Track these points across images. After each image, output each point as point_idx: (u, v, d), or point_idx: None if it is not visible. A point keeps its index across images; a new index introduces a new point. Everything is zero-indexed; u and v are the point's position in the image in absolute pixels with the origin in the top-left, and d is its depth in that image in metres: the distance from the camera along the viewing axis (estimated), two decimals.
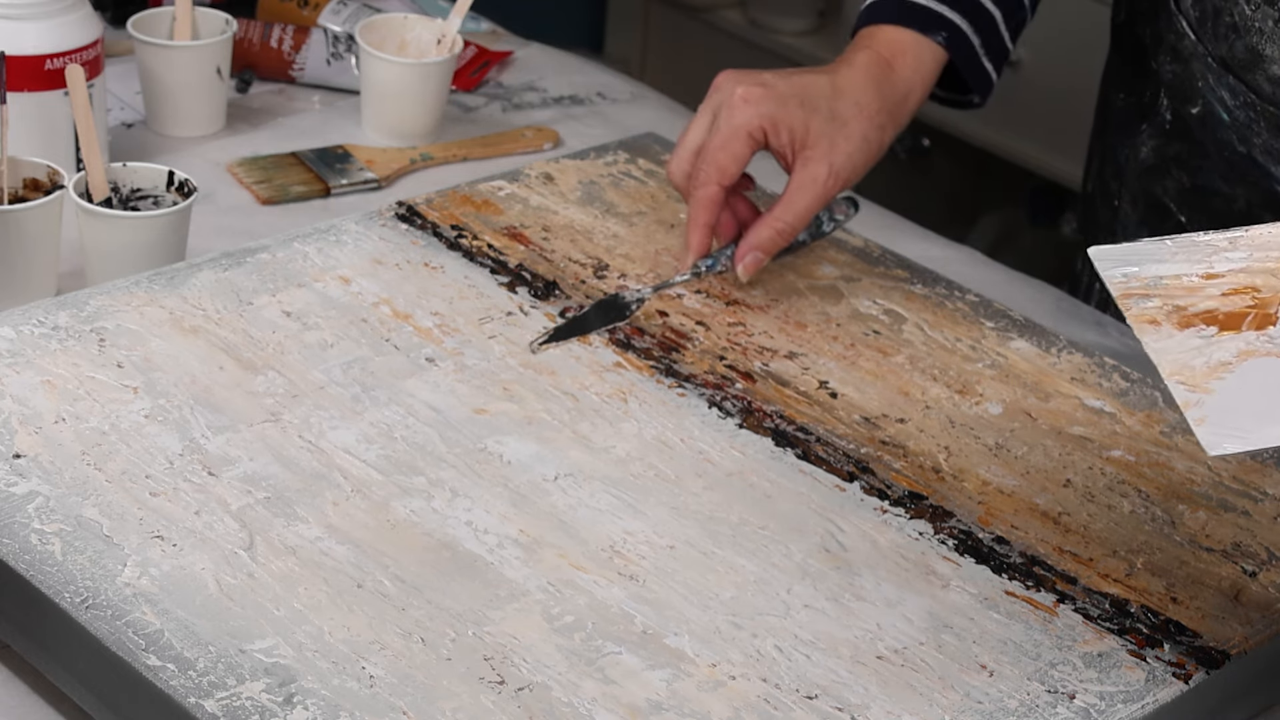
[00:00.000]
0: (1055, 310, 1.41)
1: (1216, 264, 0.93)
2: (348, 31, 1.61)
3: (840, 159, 1.23)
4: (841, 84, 1.24)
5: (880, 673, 0.96)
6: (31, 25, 1.37)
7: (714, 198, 1.22)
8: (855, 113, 1.24)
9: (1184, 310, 0.91)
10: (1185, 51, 1.30)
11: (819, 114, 1.22)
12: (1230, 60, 1.26)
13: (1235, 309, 0.91)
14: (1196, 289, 0.92)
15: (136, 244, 1.26)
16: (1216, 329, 0.91)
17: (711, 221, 1.23)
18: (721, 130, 1.22)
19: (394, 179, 1.50)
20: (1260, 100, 1.26)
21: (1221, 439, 0.87)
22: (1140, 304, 0.92)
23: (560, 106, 1.65)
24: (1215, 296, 0.92)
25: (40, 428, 1.05)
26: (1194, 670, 0.98)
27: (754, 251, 1.23)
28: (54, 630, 0.95)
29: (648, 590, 0.99)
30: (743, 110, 1.21)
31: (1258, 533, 1.08)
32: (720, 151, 1.22)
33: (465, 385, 1.13)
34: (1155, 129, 1.36)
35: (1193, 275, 0.93)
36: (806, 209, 1.23)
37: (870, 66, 1.25)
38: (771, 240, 1.23)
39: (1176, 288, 0.92)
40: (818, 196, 1.23)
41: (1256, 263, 0.93)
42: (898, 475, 1.10)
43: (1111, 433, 1.15)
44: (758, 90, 1.22)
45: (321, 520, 1.01)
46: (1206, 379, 0.89)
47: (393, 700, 0.91)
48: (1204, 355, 0.90)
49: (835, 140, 1.23)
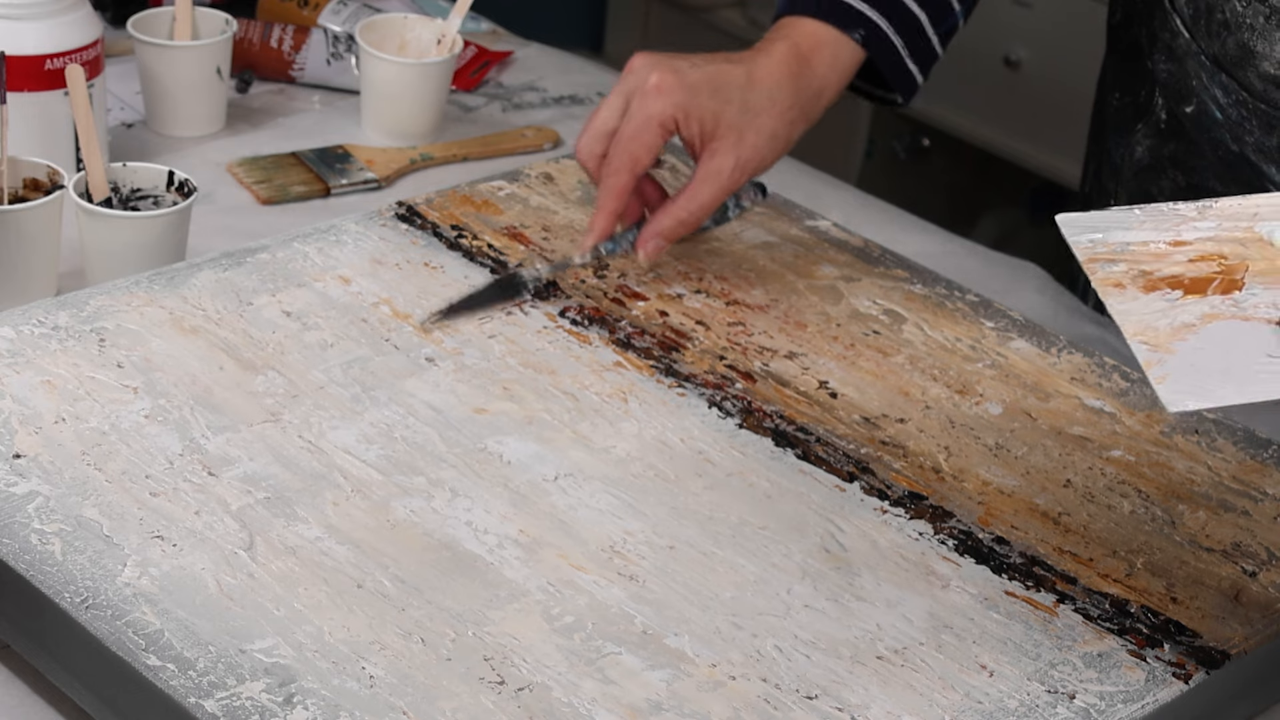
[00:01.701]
0: (1055, 310, 1.41)
1: (1184, 232, 0.93)
2: (348, 31, 1.61)
3: (747, 152, 1.23)
4: (757, 75, 1.24)
5: (880, 673, 0.96)
6: (31, 25, 1.37)
7: (625, 186, 1.23)
8: (767, 106, 1.24)
9: (1150, 275, 0.92)
10: (1179, 50, 1.31)
11: (730, 105, 1.23)
12: (1222, 58, 1.27)
13: (1201, 274, 0.91)
14: (1163, 255, 0.92)
15: (136, 244, 1.26)
16: (1181, 293, 0.91)
17: (619, 209, 1.24)
18: (634, 119, 1.22)
19: (394, 179, 1.50)
20: (1252, 98, 1.27)
21: (1183, 396, 0.87)
22: (1106, 268, 0.92)
23: (560, 106, 1.65)
24: (1182, 263, 0.92)
25: (40, 428, 1.05)
26: (1194, 670, 0.98)
27: (656, 239, 1.24)
28: (54, 630, 0.95)
29: (648, 590, 0.99)
30: (655, 100, 1.22)
31: (1258, 533, 1.08)
32: (633, 141, 1.22)
33: (465, 385, 1.13)
34: (1150, 128, 1.36)
35: (1160, 242, 0.93)
36: (710, 200, 1.24)
37: (787, 59, 1.26)
38: (674, 229, 1.24)
39: (1143, 254, 0.92)
40: (722, 188, 1.24)
41: (1225, 232, 0.93)
42: (898, 475, 1.10)
43: (1111, 433, 1.15)
44: (671, 79, 1.22)
45: (321, 520, 1.01)
46: (1169, 339, 0.89)
47: (393, 700, 0.91)
48: (1168, 317, 0.90)
49: (744, 133, 1.23)
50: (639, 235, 1.24)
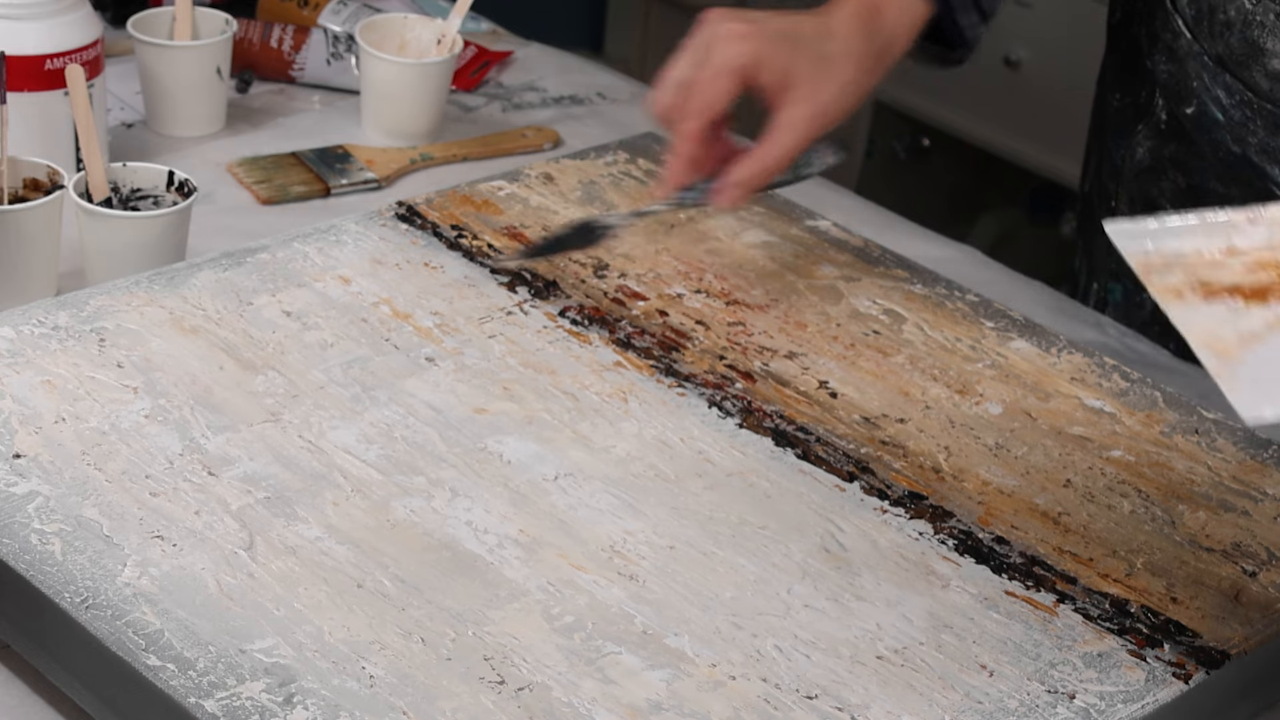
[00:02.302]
0: (1055, 310, 1.41)
1: (1237, 240, 0.93)
2: (348, 31, 1.61)
3: (825, 100, 1.21)
4: (831, 26, 1.23)
5: (880, 673, 0.96)
6: (31, 25, 1.37)
7: (698, 132, 1.21)
8: (843, 56, 1.23)
9: (1208, 284, 0.91)
10: (1181, 50, 1.30)
11: (806, 54, 1.21)
12: (1227, 57, 1.26)
13: (1261, 283, 0.91)
14: (1219, 264, 0.92)
15: (136, 244, 1.26)
16: (1243, 301, 0.91)
17: (694, 155, 1.22)
18: (709, 66, 1.21)
19: (394, 179, 1.50)
20: (1257, 98, 1.26)
21: (1259, 406, 0.87)
22: (1163, 277, 0.92)
23: (560, 106, 1.65)
24: (1239, 271, 0.92)
25: (40, 428, 1.05)
26: (1194, 670, 0.98)
27: (736, 187, 1.22)
28: (54, 630, 0.95)
29: (648, 590, 0.99)
30: (730, 46, 1.20)
31: (1258, 533, 1.08)
32: (707, 87, 1.20)
33: (465, 385, 1.13)
34: (1151, 129, 1.36)
35: (1214, 251, 0.93)
36: (789, 147, 1.22)
37: (859, 11, 1.25)
38: (753, 177, 1.22)
39: (1199, 262, 0.92)
40: (801, 136, 1.22)
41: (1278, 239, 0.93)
42: (898, 475, 1.10)
43: (1111, 433, 1.15)
44: (745, 27, 1.21)
45: (321, 520, 1.01)
46: (1237, 349, 0.89)
47: (393, 700, 0.91)
48: (1232, 325, 0.90)
49: (820, 83, 1.21)
50: (717, 184, 1.23)
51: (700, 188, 1.22)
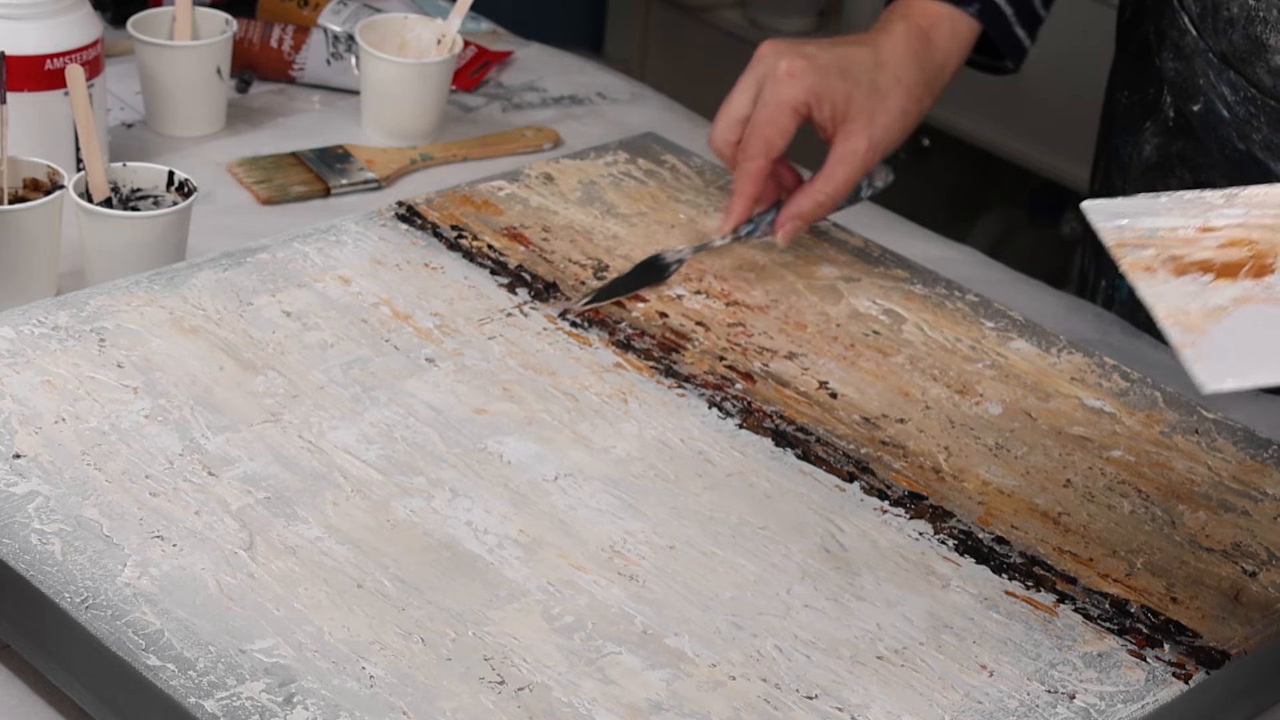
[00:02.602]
0: (1055, 310, 1.41)
1: (1213, 219, 0.94)
2: (348, 31, 1.61)
3: (879, 132, 1.27)
4: (882, 56, 1.28)
5: (880, 673, 0.96)
6: (31, 25, 1.37)
7: (761, 171, 1.27)
8: (895, 85, 1.27)
9: (1180, 259, 0.92)
10: (1187, 48, 1.31)
11: (860, 87, 1.26)
12: (1230, 54, 1.27)
13: (1232, 259, 0.92)
14: (1193, 240, 0.93)
15: (136, 244, 1.26)
16: (1213, 276, 0.91)
17: (756, 193, 1.27)
18: (768, 105, 1.25)
19: (394, 179, 1.50)
20: (1260, 94, 1.27)
21: (1219, 376, 0.87)
22: (1135, 253, 0.93)
23: (560, 106, 1.65)
24: (1212, 248, 0.92)
25: (40, 428, 1.05)
26: (1194, 670, 0.98)
27: (794, 220, 1.27)
28: (54, 630, 0.95)
29: (648, 590, 0.99)
30: (788, 85, 1.24)
31: (1258, 533, 1.08)
32: (767, 126, 1.25)
33: (465, 385, 1.13)
34: (1158, 127, 1.37)
35: (1189, 228, 0.94)
36: (846, 180, 1.27)
37: (909, 38, 1.29)
38: (812, 210, 1.27)
39: (1172, 239, 0.93)
40: (857, 168, 1.27)
41: (1253, 219, 0.94)
42: (898, 475, 1.10)
43: (1111, 433, 1.15)
44: (801, 64, 1.25)
45: (321, 520, 1.01)
46: (1203, 322, 0.89)
47: (393, 700, 0.91)
48: (1200, 300, 0.90)
49: (875, 113, 1.26)
50: (777, 217, 1.27)
51: (760, 220, 1.27)
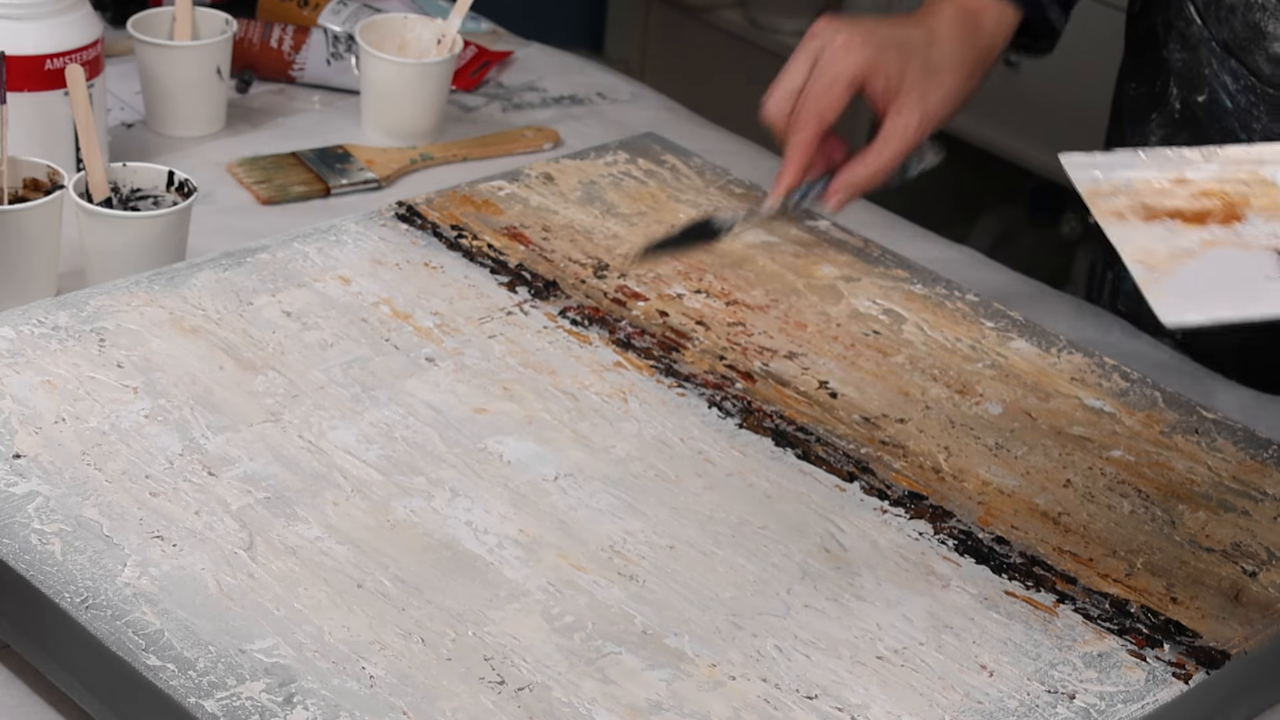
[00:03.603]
0: (1055, 310, 1.41)
1: (1188, 173, 0.95)
2: (348, 31, 1.61)
3: (932, 108, 1.27)
4: (935, 35, 1.29)
5: (880, 673, 0.96)
6: (31, 25, 1.37)
7: (811, 141, 1.27)
8: (947, 64, 1.28)
9: (1151, 208, 0.93)
10: (1193, 38, 1.33)
11: (914, 62, 1.27)
12: (1232, 42, 1.28)
13: (1203, 208, 0.93)
14: (1165, 191, 0.94)
15: (136, 244, 1.26)
16: (1182, 222, 0.92)
17: (806, 163, 1.28)
18: (823, 77, 1.26)
19: (394, 179, 1.50)
20: (1260, 82, 1.28)
21: (1180, 311, 0.88)
22: (1108, 201, 0.94)
23: (560, 106, 1.65)
24: (1183, 198, 0.94)
25: (40, 428, 1.05)
26: (1194, 670, 0.98)
27: (846, 190, 1.27)
28: (54, 630, 0.95)
29: (648, 590, 0.99)
30: (844, 58, 1.25)
31: (1258, 533, 1.08)
32: (820, 98, 1.25)
33: (465, 385, 1.13)
34: (1165, 118, 1.39)
35: (1163, 180, 0.94)
36: (896, 155, 1.27)
37: (958, 20, 1.31)
38: (863, 181, 1.27)
39: (1146, 190, 0.94)
40: (907, 143, 1.27)
41: (1229, 174, 0.95)
42: (898, 475, 1.10)
43: (1111, 433, 1.15)
44: (858, 38, 1.26)
45: (321, 520, 1.01)
46: (1169, 263, 0.90)
47: (393, 700, 0.91)
48: (1167, 243, 0.91)
49: (928, 90, 1.27)
50: (829, 185, 1.27)
51: (812, 189, 1.27)
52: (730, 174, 1.40)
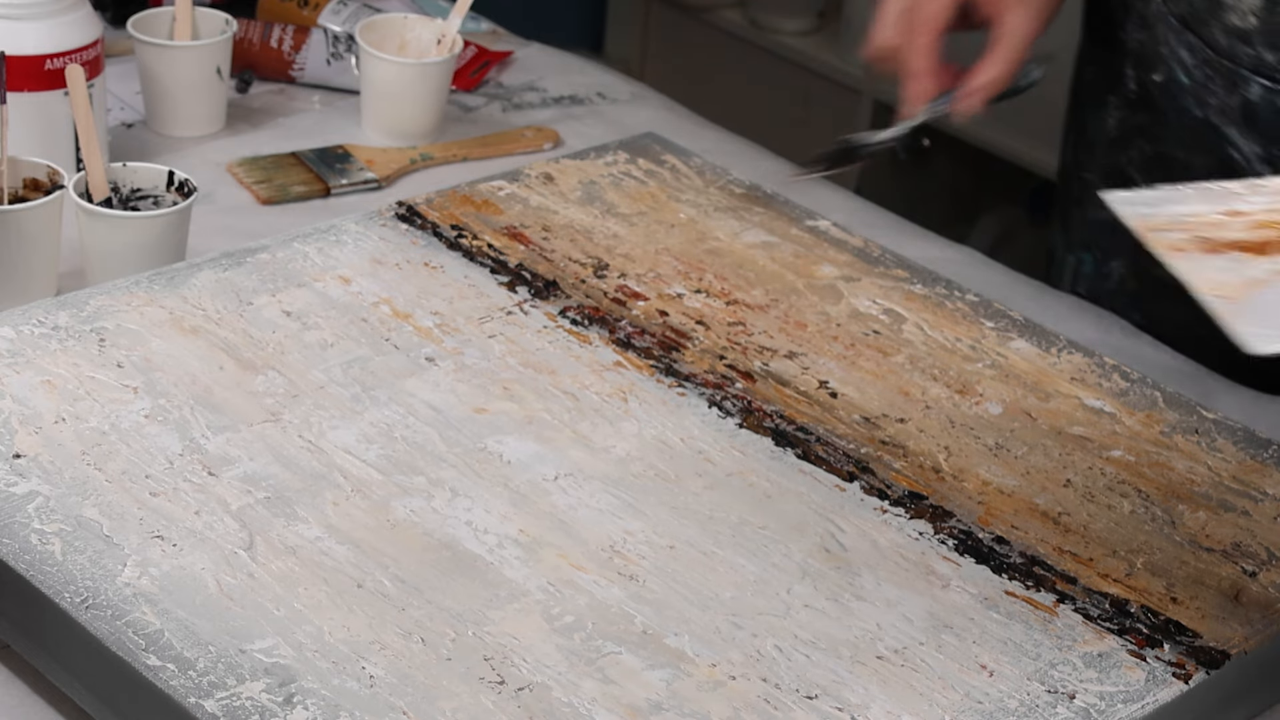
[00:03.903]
0: (1055, 310, 1.41)
1: (1238, 205, 0.95)
2: (348, 31, 1.61)
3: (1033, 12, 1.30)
4: None
5: (880, 673, 0.96)
6: (31, 25, 1.37)
7: (931, 45, 1.30)
8: None
9: (1210, 240, 0.93)
10: (1151, 15, 1.35)
11: None
12: (1190, 16, 1.31)
13: (1263, 239, 0.93)
14: (1220, 224, 0.94)
15: (136, 244, 1.26)
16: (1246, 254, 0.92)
17: (930, 68, 1.30)
18: None
19: (394, 179, 1.50)
20: (1216, 55, 1.30)
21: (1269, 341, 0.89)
22: (1163, 235, 0.94)
23: (560, 106, 1.65)
24: (1240, 229, 0.94)
25: (40, 428, 1.05)
26: (1194, 670, 0.98)
27: (978, 91, 1.30)
28: (54, 630, 0.95)
29: (648, 590, 0.99)
30: None
31: (1258, 533, 1.08)
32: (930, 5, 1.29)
33: (465, 385, 1.13)
34: (1121, 100, 1.40)
35: (1215, 213, 0.95)
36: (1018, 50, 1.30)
37: None
38: (993, 81, 1.29)
39: (1200, 223, 0.94)
40: (1025, 39, 1.30)
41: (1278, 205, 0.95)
42: (898, 475, 1.10)
43: (1111, 433, 1.15)
44: None
45: (321, 520, 1.01)
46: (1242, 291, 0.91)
47: (393, 700, 0.91)
48: (1237, 274, 0.92)
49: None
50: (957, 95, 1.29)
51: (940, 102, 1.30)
52: (730, 174, 1.40)
